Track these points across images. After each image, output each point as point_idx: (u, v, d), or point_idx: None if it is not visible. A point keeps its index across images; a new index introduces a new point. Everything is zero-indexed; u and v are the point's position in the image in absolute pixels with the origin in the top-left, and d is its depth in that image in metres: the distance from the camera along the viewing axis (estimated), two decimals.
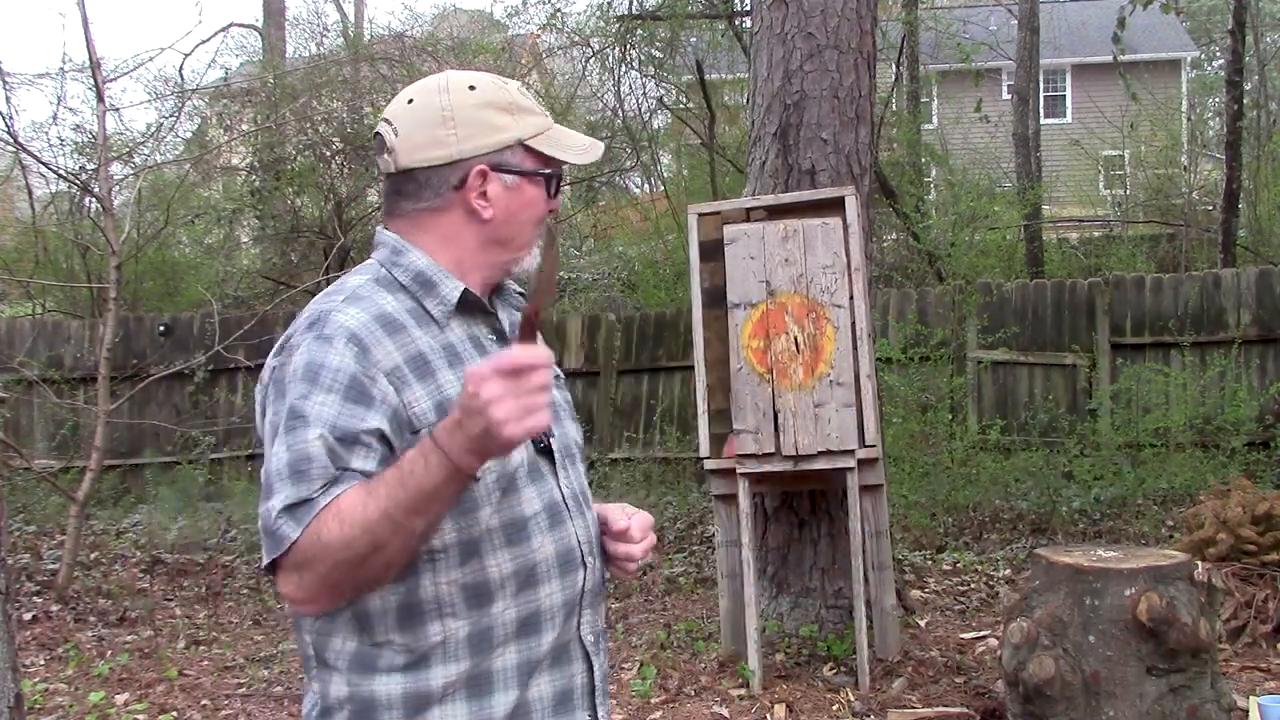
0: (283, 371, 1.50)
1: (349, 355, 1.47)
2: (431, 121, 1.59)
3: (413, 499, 1.38)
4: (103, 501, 9.51)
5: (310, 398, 1.45)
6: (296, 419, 1.44)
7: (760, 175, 5.35)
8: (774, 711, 4.43)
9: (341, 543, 1.39)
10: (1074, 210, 17.57)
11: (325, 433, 1.43)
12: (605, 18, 13.13)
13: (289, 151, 12.69)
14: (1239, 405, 8.73)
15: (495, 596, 1.53)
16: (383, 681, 1.51)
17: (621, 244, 15.37)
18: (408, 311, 1.56)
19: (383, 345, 1.50)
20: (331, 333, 1.48)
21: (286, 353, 1.51)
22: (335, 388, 1.45)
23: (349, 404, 1.45)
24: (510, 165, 1.61)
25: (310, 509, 1.40)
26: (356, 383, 1.46)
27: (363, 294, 1.56)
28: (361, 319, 1.51)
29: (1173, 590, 3.61)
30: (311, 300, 1.59)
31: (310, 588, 1.43)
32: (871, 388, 4.78)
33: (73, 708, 4.87)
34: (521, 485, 1.57)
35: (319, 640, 1.55)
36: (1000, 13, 18.63)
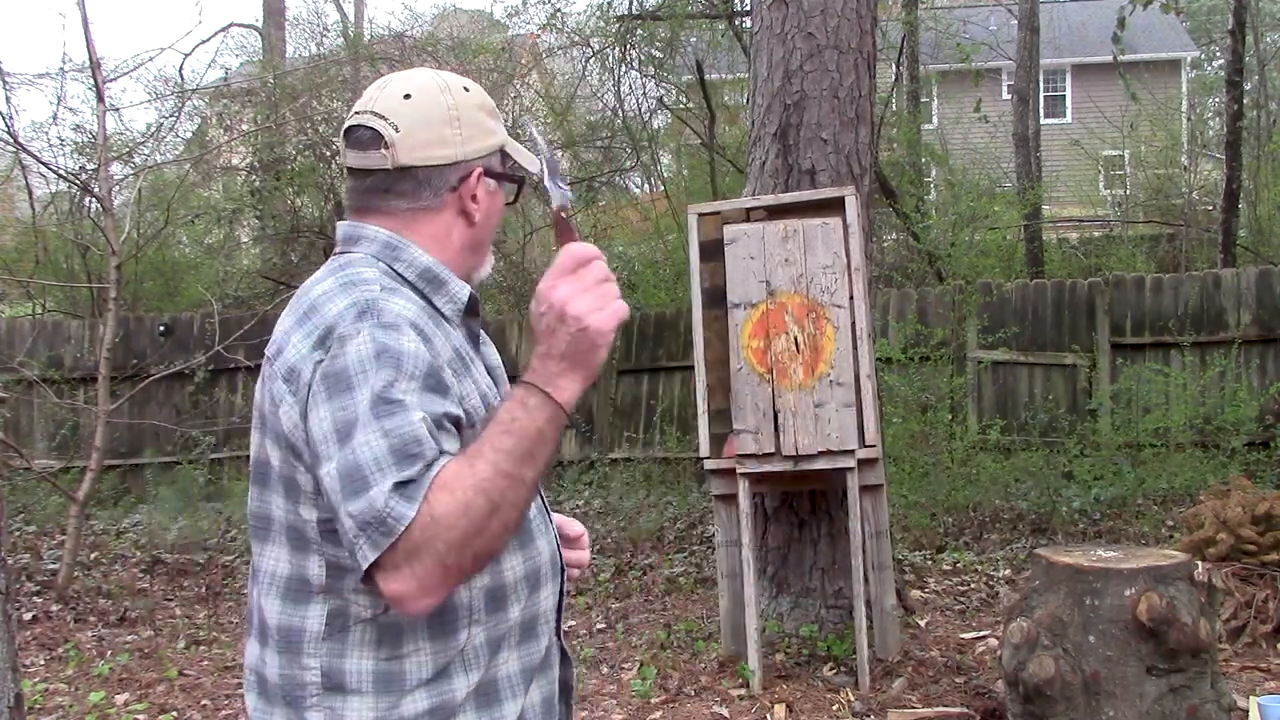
0: (339, 364, 1.37)
1: (419, 342, 1.41)
2: (438, 120, 1.55)
3: (521, 446, 1.34)
4: (103, 501, 9.51)
5: (397, 384, 1.35)
6: (390, 404, 1.34)
7: (760, 175, 5.35)
8: (774, 711, 4.43)
9: (459, 510, 1.30)
10: (1074, 210, 17.57)
11: (426, 414, 1.35)
12: (605, 18, 13.13)
13: (289, 151, 12.69)
14: (1239, 405, 8.73)
15: (510, 600, 1.50)
16: (410, 701, 1.44)
17: (621, 244, 15.36)
18: (420, 306, 1.51)
19: (435, 338, 1.46)
20: (394, 321, 1.41)
21: (337, 344, 1.39)
22: (417, 375, 1.38)
23: (429, 393, 1.38)
24: (495, 170, 1.62)
25: (418, 488, 1.31)
26: (434, 370, 1.40)
27: (390, 285, 1.48)
28: (412, 310, 1.45)
29: (1173, 590, 3.61)
30: (325, 294, 1.46)
31: (427, 577, 1.31)
32: (871, 388, 4.78)
33: (73, 708, 4.87)
34: None
35: (331, 663, 1.45)
36: (1000, 13, 18.63)
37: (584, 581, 6.95)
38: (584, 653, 5.33)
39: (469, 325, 1.62)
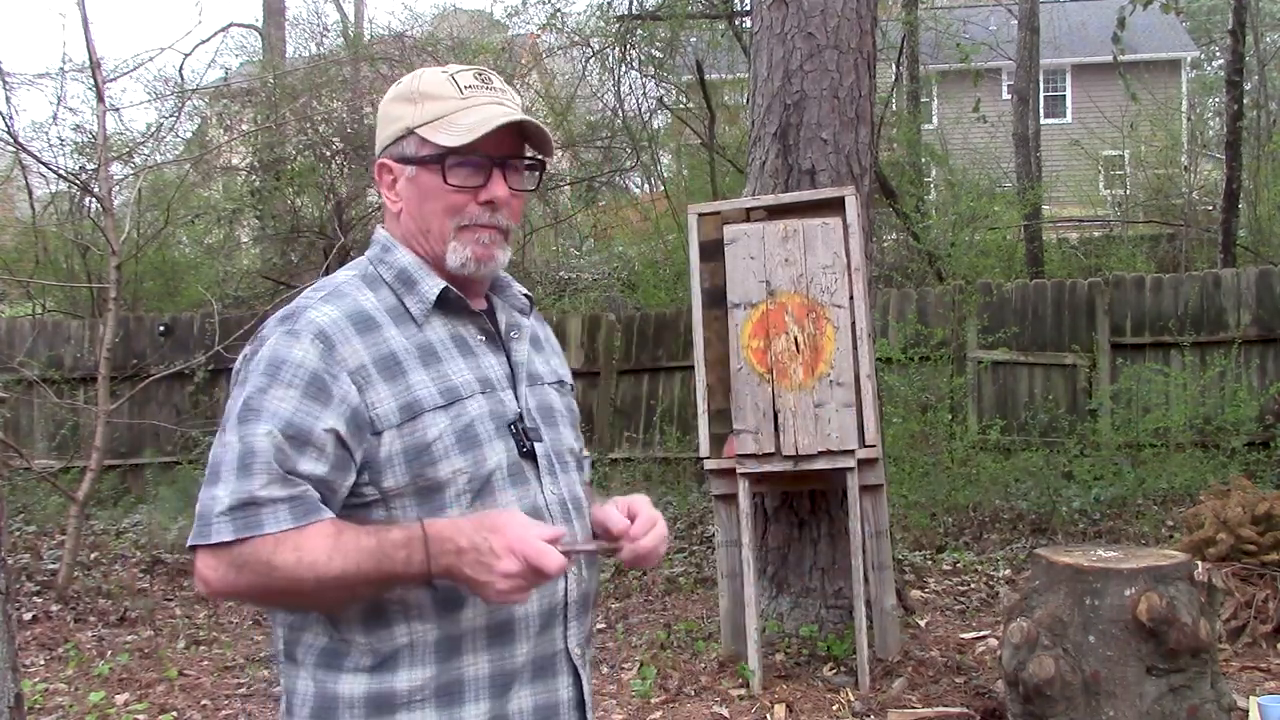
0: (248, 363, 1.50)
1: (313, 352, 1.47)
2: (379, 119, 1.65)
3: (376, 576, 1.42)
4: (103, 501, 9.51)
5: (268, 392, 1.45)
6: (250, 411, 1.45)
7: (760, 175, 5.35)
8: (774, 711, 4.43)
9: (290, 577, 1.41)
10: (1074, 210, 17.57)
11: (275, 429, 1.43)
12: (605, 18, 13.13)
13: (289, 151, 12.69)
14: (1239, 405, 8.73)
15: (465, 602, 1.50)
16: (347, 681, 1.49)
17: (621, 244, 15.37)
18: (388, 310, 1.56)
19: (350, 343, 1.49)
20: (300, 328, 1.48)
21: (257, 344, 1.52)
22: (295, 383, 1.45)
23: (306, 400, 1.45)
24: (407, 155, 1.59)
25: (260, 521, 1.41)
26: (317, 380, 1.46)
27: (344, 290, 1.56)
28: (333, 316, 1.50)
29: (1173, 590, 3.61)
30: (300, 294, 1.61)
31: (234, 586, 1.44)
32: (871, 388, 4.78)
33: (73, 708, 4.87)
34: (498, 488, 1.54)
35: (290, 635, 1.54)
36: (1000, 13, 18.63)
37: None
38: None
39: (480, 323, 1.63)
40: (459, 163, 1.56)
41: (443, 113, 1.56)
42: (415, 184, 1.59)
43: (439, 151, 1.56)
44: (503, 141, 1.58)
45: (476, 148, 1.55)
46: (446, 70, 1.61)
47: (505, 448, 1.56)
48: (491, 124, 1.55)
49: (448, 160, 1.55)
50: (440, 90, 1.58)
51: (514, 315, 1.70)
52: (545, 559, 1.39)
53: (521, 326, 1.69)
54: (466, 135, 1.54)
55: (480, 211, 1.58)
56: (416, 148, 1.58)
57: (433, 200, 1.58)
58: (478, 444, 1.53)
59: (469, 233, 1.58)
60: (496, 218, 1.60)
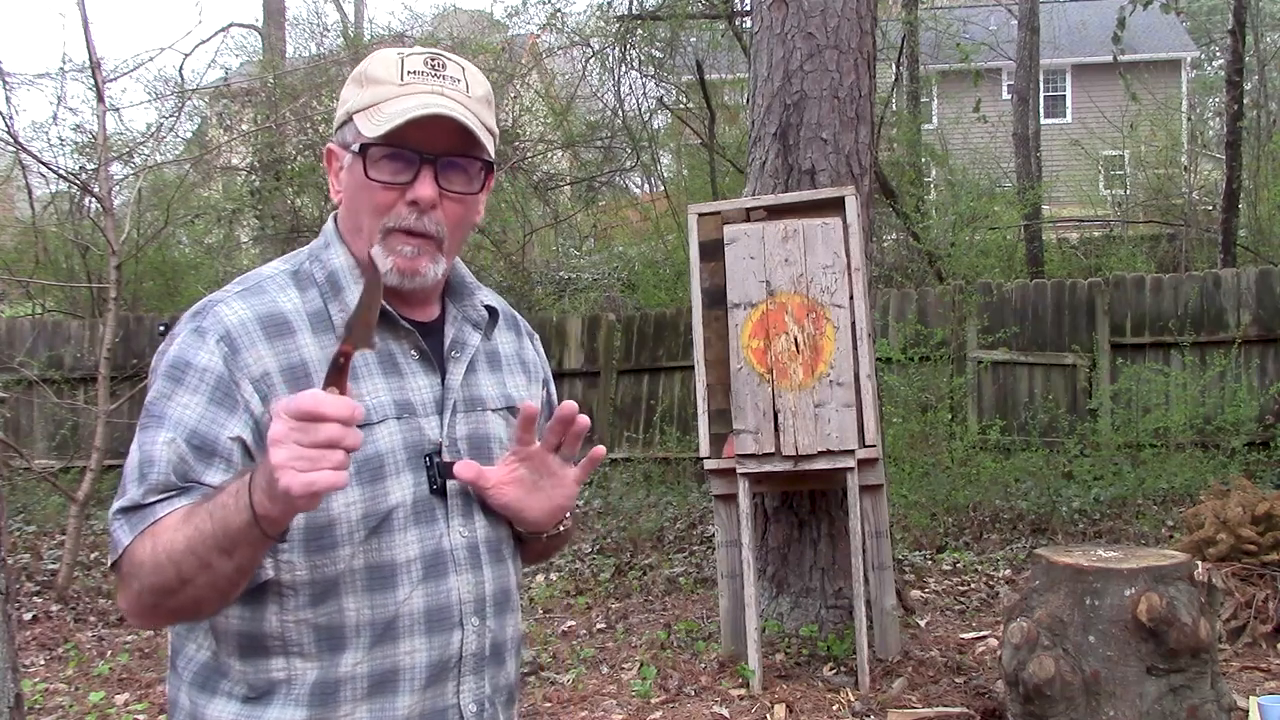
0: (158, 359, 1.40)
1: (218, 354, 1.36)
2: None
3: (217, 536, 1.24)
4: (103, 501, 9.48)
5: (172, 397, 1.35)
6: (152, 417, 1.35)
7: (760, 175, 5.35)
8: (774, 711, 4.43)
9: (151, 567, 1.29)
10: (1074, 210, 17.57)
11: (177, 437, 1.33)
12: (605, 18, 13.14)
13: (289, 151, 12.70)
14: (1239, 405, 8.73)
15: (348, 644, 1.38)
16: (219, 706, 1.39)
17: (621, 244, 15.37)
18: (310, 314, 1.42)
19: (255, 349, 1.37)
20: (207, 326, 1.38)
21: (168, 339, 1.41)
22: (200, 388, 1.35)
23: (213, 407, 1.34)
24: (346, 141, 1.45)
25: (143, 517, 1.31)
26: (223, 385, 1.35)
27: (265, 287, 1.43)
28: (243, 316, 1.38)
29: (1173, 590, 3.61)
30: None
31: (134, 603, 1.33)
32: (871, 388, 4.78)
33: (73, 708, 4.87)
34: (397, 528, 1.40)
35: (176, 642, 1.45)
36: (1000, 13, 18.64)
37: (584, 581, 6.96)
38: (584, 653, 5.33)
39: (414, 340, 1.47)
40: (382, 156, 1.40)
41: (377, 99, 1.41)
42: (351, 173, 1.44)
43: (360, 141, 1.41)
44: (438, 136, 1.40)
45: (400, 140, 1.38)
46: (401, 52, 1.45)
47: (413, 481, 1.42)
48: (406, 115, 1.37)
49: (370, 152, 1.40)
50: (384, 73, 1.43)
51: (464, 330, 1.53)
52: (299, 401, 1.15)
53: (467, 345, 1.52)
54: (384, 125, 1.38)
55: (406, 213, 1.40)
56: (353, 136, 1.43)
57: (361, 195, 1.43)
58: (380, 476, 1.39)
59: (394, 238, 1.41)
60: (424, 222, 1.41)
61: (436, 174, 1.41)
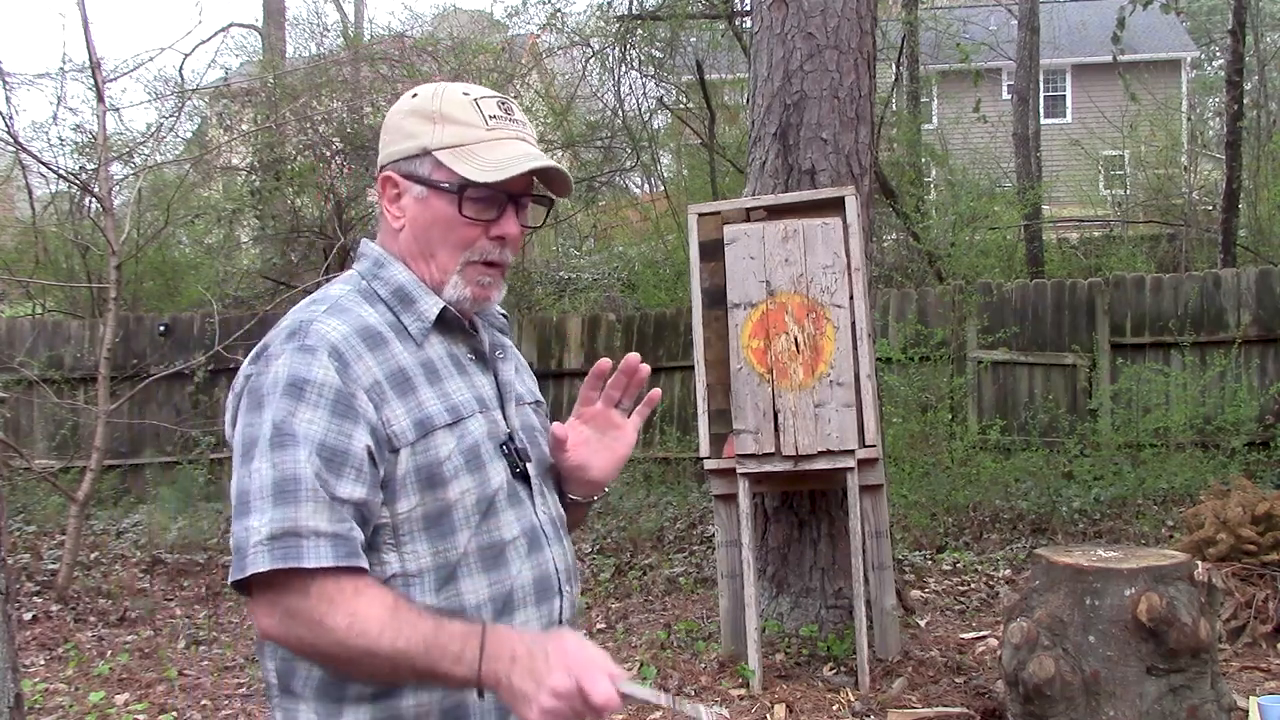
0: (259, 381, 1.43)
1: (332, 369, 1.42)
2: (384, 129, 1.60)
3: (422, 666, 1.36)
4: (103, 501, 9.51)
5: (297, 414, 1.39)
6: (283, 435, 1.38)
7: (760, 175, 5.35)
8: (774, 711, 4.43)
9: (339, 642, 1.35)
10: (1074, 210, 17.57)
11: (315, 453, 1.38)
12: (605, 18, 13.14)
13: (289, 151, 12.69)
14: (1239, 405, 8.73)
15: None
16: (350, 712, 1.45)
17: (621, 244, 15.36)
18: (388, 325, 1.52)
19: (363, 360, 1.45)
20: (314, 344, 1.43)
21: (264, 362, 1.45)
22: (321, 403, 1.40)
23: (336, 419, 1.40)
24: (418, 174, 1.54)
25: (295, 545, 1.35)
26: (342, 398, 1.41)
27: (345, 305, 1.51)
28: (343, 331, 1.46)
29: (1173, 590, 3.61)
30: (293, 309, 1.54)
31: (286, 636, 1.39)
32: (871, 388, 4.78)
33: (73, 708, 4.87)
34: (500, 509, 1.53)
35: (284, 666, 1.48)
36: (1000, 13, 18.64)
37: (584, 581, 6.96)
38: None
39: (470, 342, 1.61)
40: (477, 196, 1.52)
41: (464, 140, 1.52)
42: (425, 206, 1.54)
43: (458, 181, 1.51)
44: (524, 179, 1.55)
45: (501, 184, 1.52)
46: (469, 93, 1.55)
47: (503, 468, 1.55)
48: (522, 166, 1.51)
49: (467, 192, 1.51)
50: (463, 115, 1.53)
51: (495, 334, 1.67)
52: (597, 686, 1.32)
53: (505, 346, 1.68)
54: (494, 172, 1.50)
55: (490, 247, 1.56)
56: (431, 170, 1.53)
57: (443, 228, 1.54)
58: (481, 464, 1.51)
59: (473, 270, 1.56)
60: (504, 253, 1.57)
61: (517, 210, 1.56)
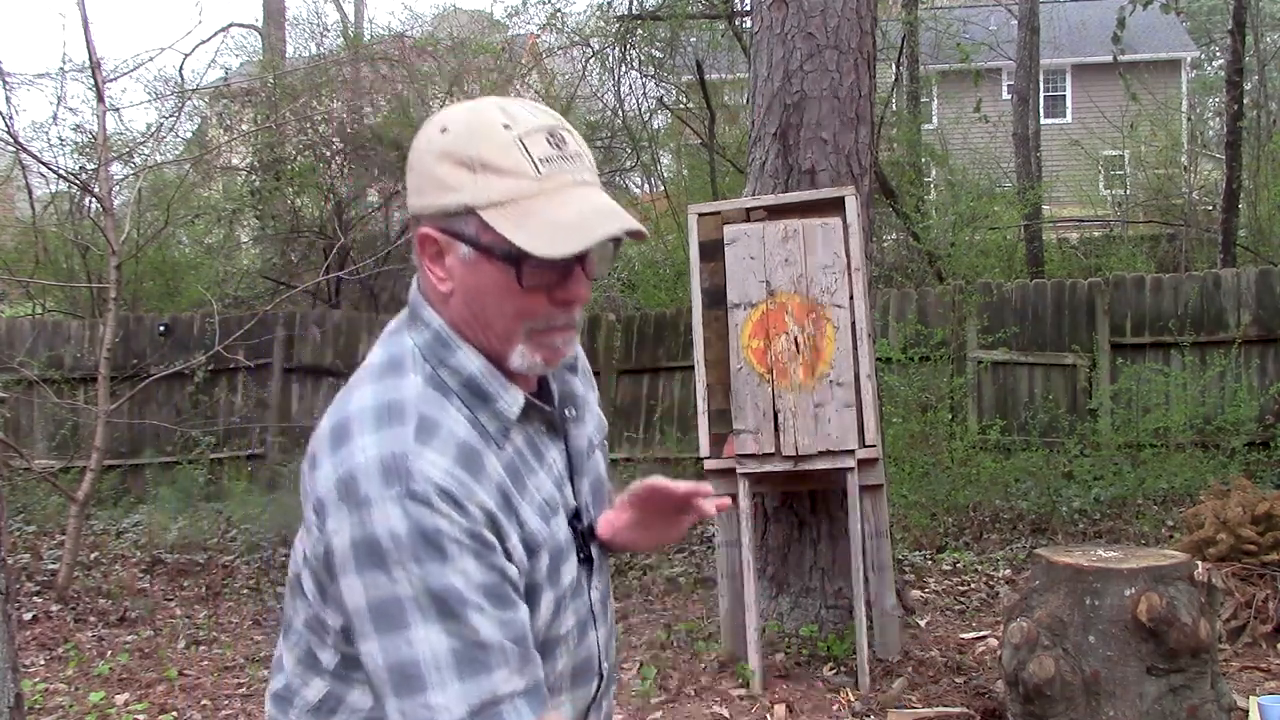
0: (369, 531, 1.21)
1: (454, 513, 1.22)
2: (414, 165, 1.32)
3: None
4: (103, 501, 9.51)
5: (446, 569, 1.21)
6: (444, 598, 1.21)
7: (760, 175, 5.35)
8: (774, 711, 4.43)
9: None
10: (1074, 210, 17.57)
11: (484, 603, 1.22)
12: (605, 18, 13.15)
13: (289, 151, 12.70)
14: (1239, 405, 8.73)
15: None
16: None
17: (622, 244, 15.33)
18: (472, 431, 1.30)
19: (474, 495, 1.25)
20: (422, 489, 1.21)
21: (364, 507, 1.21)
22: (465, 550, 1.22)
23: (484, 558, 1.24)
24: (463, 234, 1.26)
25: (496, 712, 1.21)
26: (476, 536, 1.24)
27: (431, 418, 1.27)
28: (444, 467, 1.24)
29: (1173, 590, 3.61)
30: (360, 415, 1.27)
31: None
32: (871, 388, 4.78)
33: (73, 708, 4.87)
34: (564, 607, 1.39)
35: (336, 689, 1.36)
36: (1000, 13, 18.64)
37: None
38: None
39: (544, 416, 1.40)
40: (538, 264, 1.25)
41: (514, 195, 1.24)
42: (476, 271, 1.28)
43: (513, 251, 1.24)
44: None
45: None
46: (511, 126, 1.26)
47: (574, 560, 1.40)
48: (591, 236, 1.24)
49: (525, 263, 1.25)
50: (508, 161, 1.24)
51: (566, 379, 1.46)
52: None
53: (576, 398, 1.48)
54: (557, 244, 1.23)
55: (556, 313, 1.31)
56: (478, 231, 1.25)
57: (498, 297, 1.28)
58: (558, 568, 1.37)
59: (542, 336, 1.32)
60: (572, 316, 1.33)
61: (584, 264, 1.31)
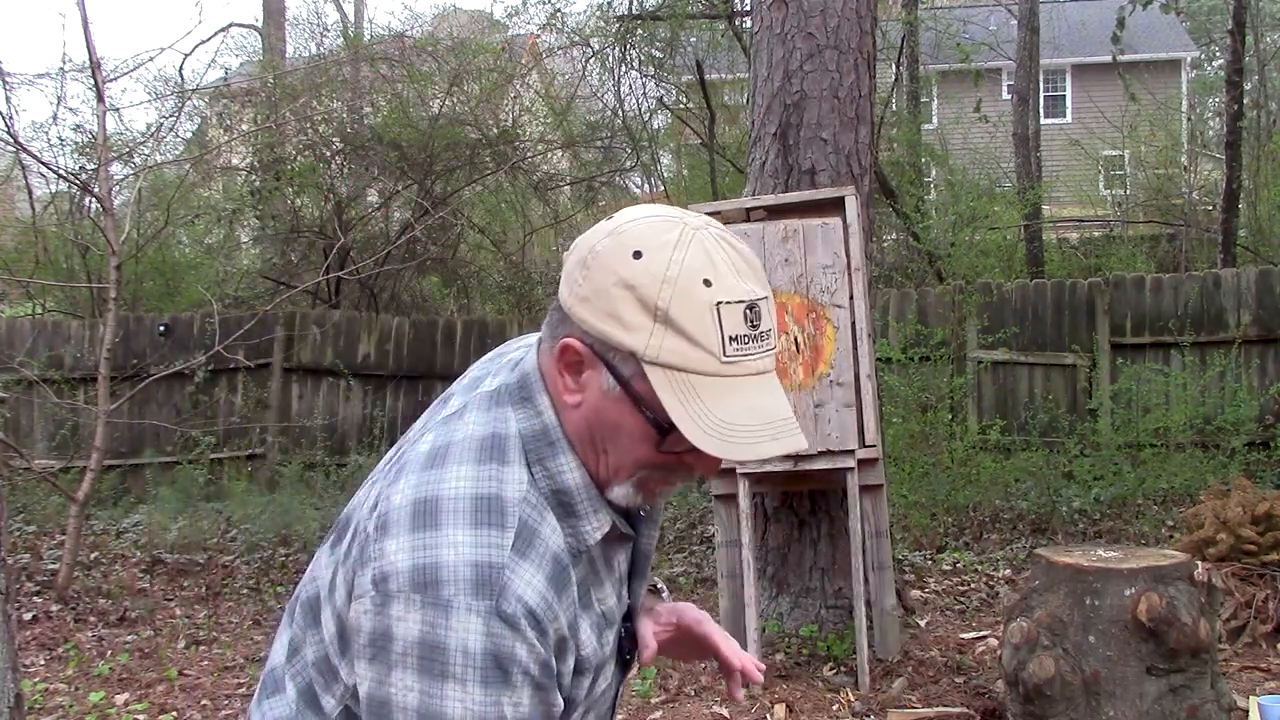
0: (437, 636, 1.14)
1: (536, 643, 1.17)
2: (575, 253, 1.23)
3: None
4: (103, 501, 9.51)
5: (503, 702, 1.15)
6: None
7: (760, 175, 5.35)
8: (774, 711, 4.43)
9: None
10: (1074, 210, 17.57)
11: None
12: (605, 18, 13.15)
13: (289, 151, 12.70)
14: (1239, 405, 8.74)
15: None
16: None
17: None
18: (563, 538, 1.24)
19: (557, 620, 1.20)
20: (513, 611, 1.15)
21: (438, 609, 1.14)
22: (528, 684, 1.17)
23: (539, 693, 1.19)
24: (619, 372, 1.18)
25: None
26: (545, 669, 1.19)
27: (531, 525, 1.21)
28: (538, 588, 1.18)
29: (1173, 590, 3.61)
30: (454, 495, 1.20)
31: None
32: (871, 388, 4.78)
33: (73, 708, 4.87)
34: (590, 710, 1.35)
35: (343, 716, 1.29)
36: (1000, 13, 18.65)
37: None
38: None
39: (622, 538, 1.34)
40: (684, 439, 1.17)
41: (691, 367, 1.15)
42: (614, 406, 1.20)
43: (665, 421, 1.17)
44: None
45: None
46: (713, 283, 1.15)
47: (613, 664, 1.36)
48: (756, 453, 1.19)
49: (671, 434, 1.18)
50: (697, 328, 1.15)
51: None
52: None
53: None
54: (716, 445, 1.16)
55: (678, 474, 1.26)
56: (633, 376, 1.18)
57: (626, 441, 1.22)
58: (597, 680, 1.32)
59: (653, 483, 1.26)
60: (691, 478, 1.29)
61: None
